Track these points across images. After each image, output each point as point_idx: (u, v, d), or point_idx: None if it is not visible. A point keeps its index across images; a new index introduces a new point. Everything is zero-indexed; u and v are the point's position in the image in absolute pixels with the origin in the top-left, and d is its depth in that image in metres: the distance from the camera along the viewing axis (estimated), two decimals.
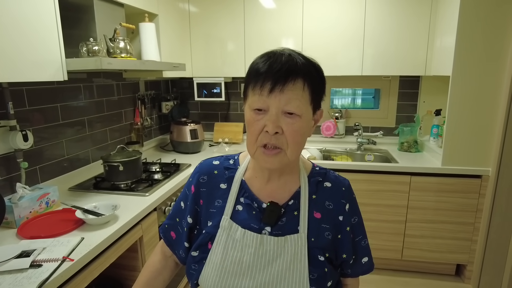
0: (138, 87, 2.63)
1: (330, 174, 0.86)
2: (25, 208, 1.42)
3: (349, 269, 0.86)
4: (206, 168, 0.88)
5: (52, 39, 1.35)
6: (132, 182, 1.87)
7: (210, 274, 0.76)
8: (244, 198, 0.82)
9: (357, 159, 2.80)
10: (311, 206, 0.80)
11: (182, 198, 0.90)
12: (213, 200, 0.84)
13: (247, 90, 0.76)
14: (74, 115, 1.96)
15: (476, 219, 2.30)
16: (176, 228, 0.89)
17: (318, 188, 0.83)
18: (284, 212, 0.80)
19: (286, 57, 0.72)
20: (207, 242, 0.80)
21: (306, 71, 0.73)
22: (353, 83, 2.99)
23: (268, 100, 0.71)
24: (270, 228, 0.78)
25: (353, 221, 0.84)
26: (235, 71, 2.73)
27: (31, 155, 1.67)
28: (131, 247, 1.54)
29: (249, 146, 0.77)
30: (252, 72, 0.74)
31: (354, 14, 2.48)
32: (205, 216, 0.84)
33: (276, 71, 0.70)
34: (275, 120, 0.71)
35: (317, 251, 0.77)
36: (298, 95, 0.71)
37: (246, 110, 0.77)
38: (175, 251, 0.91)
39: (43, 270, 1.06)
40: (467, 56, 2.08)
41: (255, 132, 0.73)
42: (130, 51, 1.77)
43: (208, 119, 3.25)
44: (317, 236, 0.78)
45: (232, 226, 0.79)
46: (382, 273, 2.54)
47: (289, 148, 0.74)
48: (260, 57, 0.75)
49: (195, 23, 2.70)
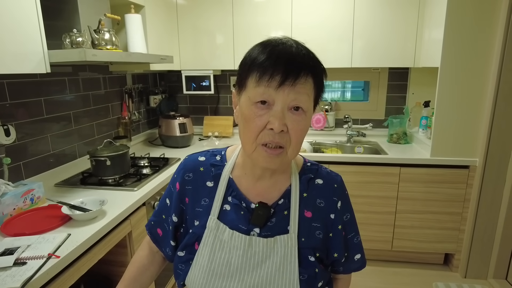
0: (125, 80, 2.58)
1: (322, 170, 0.82)
2: (9, 205, 1.38)
3: (341, 267, 0.84)
4: (191, 165, 0.83)
5: (33, 29, 1.30)
6: (120, 177, 1.84)
7: (197, 276, 0.73)
8: (232, 197, 0.78)
9: (347, 151, 2.81)
10: (302, 204, 0.77)
11: (167, 195, 0.86)
12: (200, 198, 0.79)
13: (247, 80, 0.68)
14: (59, 109, 1.91)
15: (464, 209, 2.33)
16: (162, 225, 0.86)
17: (309, 186, 0.79)
18: (273, 212, 0.76)
19: (295, 48, 0.66)
20: (194, 242, 0.77)
21: (317, 67, 0.68)
22: (342, 76, 2.98)
23: (275, 94, 0.64)
24: (259, 229, 0.75)
25: (345, 219, 0.81)
26: (224, 63, 2.70)
27: (15, 150, 1.62)
28: (120, 243, 1.51)
29: (247, 144, 0.70)
30: (256, 61, 0.66)
31: (344, 6, 2.47)
32: (191, 215, 0.80)
33: (287, 62, 0.64)
34: (281, 117, 0.65)
35: (307, 251, 0.74)
36: (308, 90, 0.67)
37: (243, 102, 0.69)
38: (161, 248, 0.88)
39: (27, 268, 1.03)
40: (455, 48, 2.10)
41: (256, 128, 0.66)
42: (115, 43, 1.72)
43: (198, 113, 3.21)
44: (307, 235, 0.75)
45: (219, 227, 0.75)
46: (373, 264, 2.57)
47: (291, 147, 0.69)
48: (263, 45, 0.68)
49: (183, 15, 2.66)
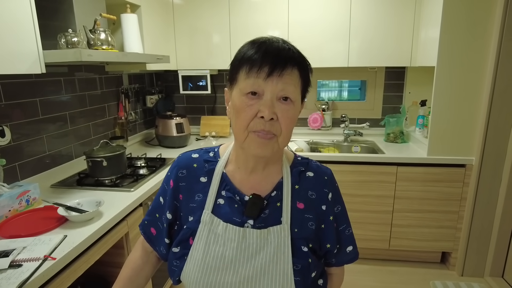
0: (121, 80, 2.57)
1: (312, 164, 0.86)
2: (4, 206, 1.37)
3: (334, 259, 0.86)
4: (185, 162, 0.85)
5: (27, 29, 1.29)
6: (116, 177, 1.83)
7: (192, 270, 0.75)
8: (226, 191, 0.80)
9: (344, 150, 2.81)
10: (294, 196, 0.79)
11: (161, 193, 0.87)
12: (193, 194, 0.81)
13: (237, 74, 0.72)
14: (55, 110, 1.90)
15: (461, 208, 2.34)
16: (156, 224, 0.87)
17: (300, 178, 0.82)
18: (267, 203, 0.78)
19: (281, 44, 0.71)
20: (188, 237, 0.78)
21: (302, 61, 0.73)
22: (339, 75, 2.99)
23: (264, 84, 0.69)
24: (253, 221, 0.77)
25: (336, 210, 0.83)
26: (221, 63, 2.69)
27: (10, 151, 1.61)
28: (116, 244, 1.51)
29: (239, 132, 0.73)
30: (246, 56, 0.71)
31: (340, 5, 2.47)
32: (185, 211, 0.81)
33: (274, 55, 0.69)
34: (271, 106, 0.69)
35: (300, 242, 0.76)
36: (295, 81, 0.71)
37: (235, 95, 0.73)
38: (155, 248, 0.88)
39: (23, 270, 1.02)
40: (451, 47, 2.10)
41: (246, 117, 0.70)
42: (111, 43, 1.71)
43: (194, 113, 3.20)
44: (300, 226, 0.78)
45: (213, 221, 0.77)
46: (370, 263, 2.57)
47: (281, 135, 0.72)
48: (251, 42, 0.73)
49: (179, 14, 2.65)
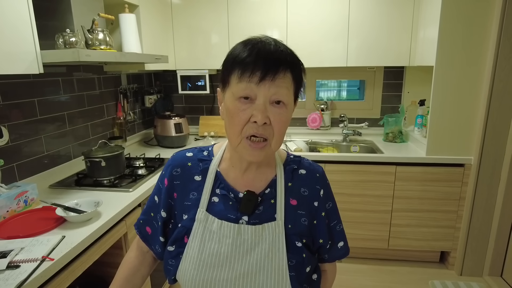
0: (120, 80, 2.56)
1: (304, 162, 0.87)
2: (2, 207, 1.36)
3: (326, 254, 0.87)
4: (179, 160, 0.86)
5: (25, 29, 1.29)
6: (115, 178, 1.83)
7: (188, 268, 0.75)
8: (220, 189, 0.81)
9: (343, 150, 2.81)
10: (287, 193, 0.81)
11: (155, 192, 0.87)
12: (188, 192, 0.82)
13: (230, 77, 0.72)
14: (54, 110, 1.89)
15: (459, 207, 2.34)
16: (151, 223, 0.88)
17: (293, 176, 0.83)
18: (261, 200, 0.79)
19: (273, 46, 0.70)
20: (183, 236, 0.79)
21: (295, 62, 0.73)
22: (338, 75, 2.99)
23: (257, 89, 0.68)
24: (248, 217, 0.78)
25: (327, 207, 0.85)
26: (219, 63, 2.59)
27: (8, 152, 1.60)
28: (115, 244, 1.50)
29: (233, 137, 0.74)
30: (237, 59, 0.70)
31: (339, 5, 2.47)
32: (180, 210, 0.82)
33: (267, 59, 0.68)
34: (264, 110, 0.69)
35: (294, 238, 0.78)
36: (287, 84, 0.71)
37: (227, 98, 0.73)
38: (151, 247, 0.89)
39: (21, 271, 1.02)
40: (450, 46, 2.10)
41: (240, 122, 0.71)
42: (109, 43, 1.71)
43: (193, 113, 3.20)
44: (294, 222, 0.79)
45: (208, 218, 0.78)
46: (369, 262, 2.57)
47: (274, 139, 0.73)
48: (244, 43, 0.73)
49: (178, 14, 2.64)
